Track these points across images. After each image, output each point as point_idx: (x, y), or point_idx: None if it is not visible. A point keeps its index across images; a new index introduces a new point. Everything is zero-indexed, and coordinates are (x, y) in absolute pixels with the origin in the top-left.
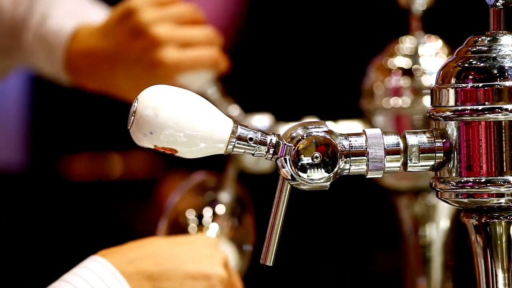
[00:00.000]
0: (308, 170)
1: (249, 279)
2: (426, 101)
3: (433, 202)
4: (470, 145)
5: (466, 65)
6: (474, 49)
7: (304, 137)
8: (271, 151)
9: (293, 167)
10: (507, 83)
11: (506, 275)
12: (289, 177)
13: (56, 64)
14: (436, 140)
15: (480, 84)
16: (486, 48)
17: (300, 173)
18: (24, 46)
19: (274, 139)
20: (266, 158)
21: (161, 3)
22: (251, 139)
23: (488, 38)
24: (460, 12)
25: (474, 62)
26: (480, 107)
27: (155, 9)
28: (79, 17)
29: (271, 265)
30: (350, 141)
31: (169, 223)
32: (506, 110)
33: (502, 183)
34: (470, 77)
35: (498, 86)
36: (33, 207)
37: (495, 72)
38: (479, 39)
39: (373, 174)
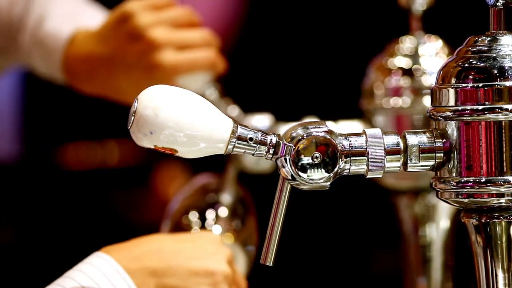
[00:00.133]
0: (308, 170)
1: (249, 279)
2: (426, 101)
3: (433, 202)
4: (470, 145)
5: (466, 65)
6: (474, 49)
7: (304, 137)
8: (271, 151)
9: (293, 167)
10: (507, 83)
11: (506, 275)
12: (289, 177)
13: (53, 67)
14: (436, 140)
15: (480, 84)
16: (486, 48)
17: (300, 173)
18: (21, 47)
19: (274, 139)
20: (266, 158)
21: (157, 7)
22: (251, 139)
23: (488, 38)
24: (460, 12)
25: (474, 62)
26: (480, 107)
27: (152, 13)
28: (76, 20)
29: (271, 265)
30: (350, 141)
31: (172, 226)
32: (506, 110)
33: (502, 183)
34: (470, 77)
35: (498, 86)
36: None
37: (495, 72)
38: (479, 39)
39: (373, 174)
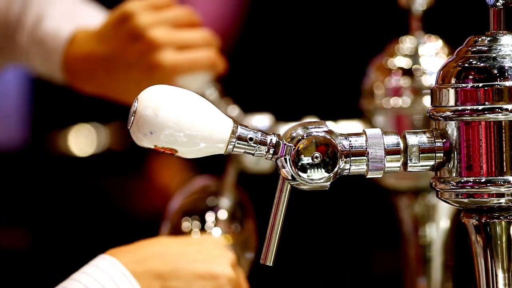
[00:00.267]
0: (308, 170)
1: (249, 279)
2: (426, 101)
3: (433, 202)
4: (470, 145)
5: (466, 65)
6: (474, 49)
7: (304, 137)
8: (271, 151)
9: (293, 167)
10: (507, 83)
11: (506, 275)
12: (289, 177)
13: (53, 67)
14: (436, 140)
15: (480, 84)
16: (486, 48)
17: (300, 173)
18: (19, 46)
19: (274, 139)
20: (266, 158)
21: (157, 7)
22: (251, 139)
23: (488, 38)
24: (460, 12)
25: (474, 62)
26: (480, 107)
27: (152, 13)
28: (75, 20)
29: (271, 265)
30: (350, 141)
31: (171, 229)
32: (506, 110)
33: (502, 183)
34: (470, 77)
35: (498, 86)
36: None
37: (495, 72)
38: (479, 39)
39: (373, 174)
